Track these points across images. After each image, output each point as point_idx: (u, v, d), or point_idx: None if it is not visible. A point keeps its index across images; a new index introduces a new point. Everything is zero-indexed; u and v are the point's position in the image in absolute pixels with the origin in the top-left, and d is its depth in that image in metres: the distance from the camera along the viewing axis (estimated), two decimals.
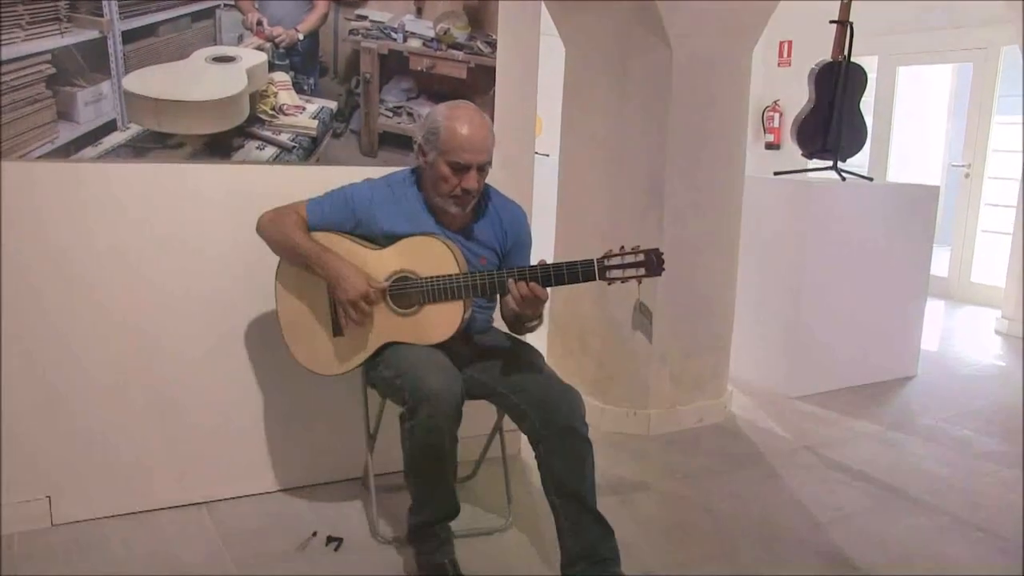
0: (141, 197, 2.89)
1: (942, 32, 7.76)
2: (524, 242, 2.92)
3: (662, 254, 2.57)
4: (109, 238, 2.87)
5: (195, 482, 3.13)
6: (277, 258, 2.79)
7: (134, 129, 2.83)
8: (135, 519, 3.01)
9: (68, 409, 2.90)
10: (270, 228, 2.74)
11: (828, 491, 3.52)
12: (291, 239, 2.70)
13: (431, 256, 2.65)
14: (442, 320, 2.65)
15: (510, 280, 2.57)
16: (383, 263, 2.69)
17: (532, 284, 2.55)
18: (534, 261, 2.65)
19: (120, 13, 2.75)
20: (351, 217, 2.74)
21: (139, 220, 2.90)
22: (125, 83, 2.79)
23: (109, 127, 2.80)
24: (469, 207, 2.73)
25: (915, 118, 8.69)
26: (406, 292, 2.66)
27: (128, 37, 2.77)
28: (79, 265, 2.84)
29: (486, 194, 2.85)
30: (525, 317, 2.69)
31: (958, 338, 6.62)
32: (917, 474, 3.73)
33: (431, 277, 2.63)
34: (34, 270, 2.78)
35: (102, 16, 2.72)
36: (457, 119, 2.62)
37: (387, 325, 2.69)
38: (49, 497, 2.92)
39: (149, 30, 2.80)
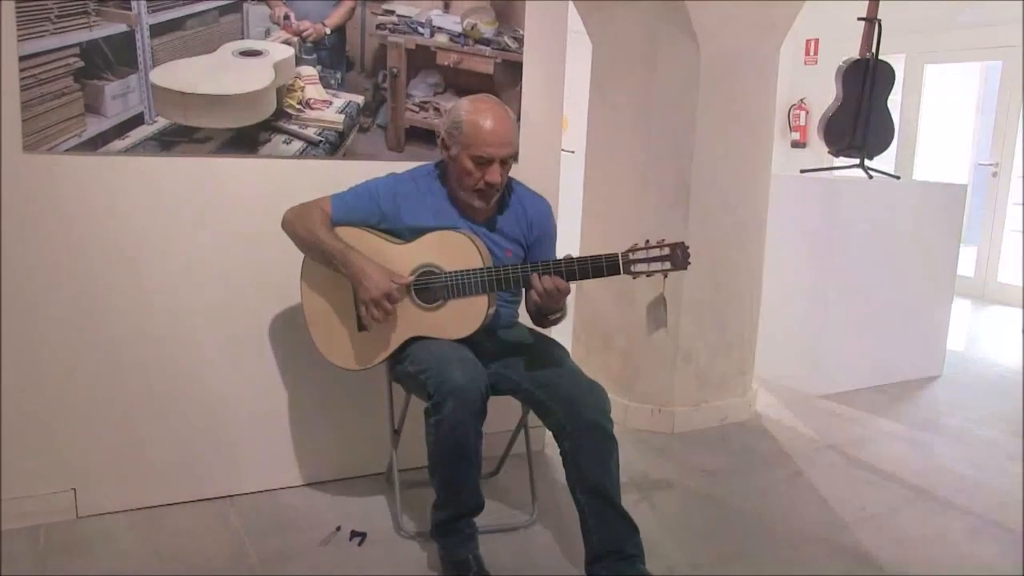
0: (168, 191, 2.89)
1: (970, 30, 7.67)
2: (549, 235, 2.90)
3: (688, 247, 2.54)
4: (135, 232, 2.87)
5: (219, 476, 3.13)
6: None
7: (161, 123, 2.83)
8: (159, 512, 3.02)
9: (94, 402, 2.90)
10: (295, 224, 2.73)
11: (853, 491, 3.47)
12: (316, 236, 2.68)
13: (456, 250, 2.64)
14: (467, 315, 2.63)
15: (533, 274, 2.56)
16: (407, 257, 2.67)
17: (554, 277, 2.54)
18: (560, 256, 2.63)
19: (148, 7, 2.75)
20: (376, 211, 2.73)
21: (166, 214, 2.90)
22: (153, 77, 2.79)
23: (136, 120, 2.80)
24: (493, 201, 2.72)
25: (942, 116, 8.61)
26: (430, 287, 2.65)
27: (156, 31, 2.77)
28: (105, 258, 2.84)
29: (511, 187, 2.83)
30: (547, 310, 2.68)
31: (985, 338, 6.55)
32: (944, 474, 3.68)
33: (456, 271, 2.62)
34: (60, 263, 2.78)
35: (130, 10, 2.73)
36: (480, 113, 2.60)
37: (412, 320, 2.67)
38: (74, 489, 2.93)
39: (177, 24, 2.80)
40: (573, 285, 2.57)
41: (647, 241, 2.55)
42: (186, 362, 3.01)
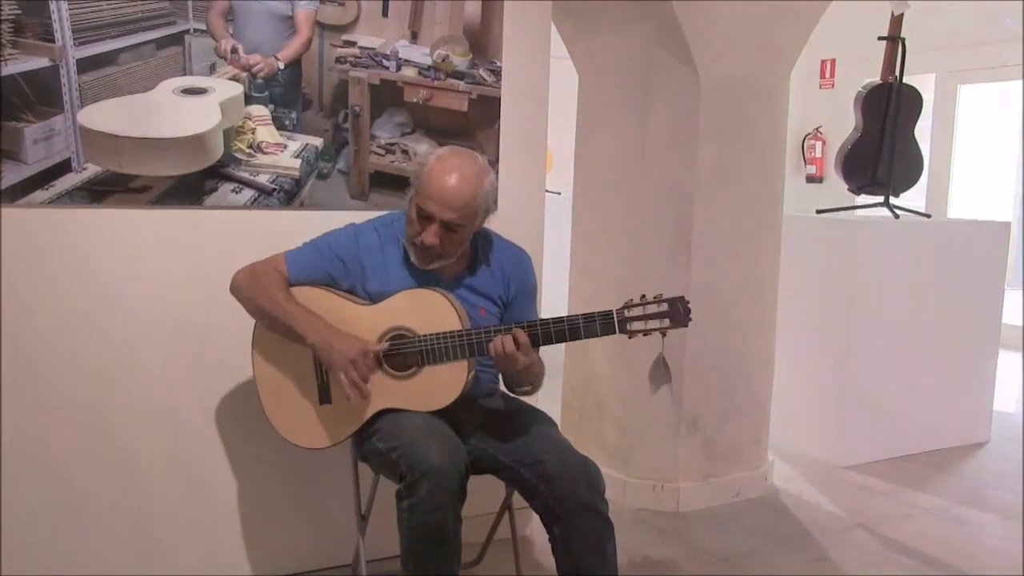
0: (100, 248, 2.92)
1: (1009, 44, 7.79)
2: (529, 290, 2.95)
3: (688, 302, 2.62)
4: (62, 294, 2.89)
5: (163, 571, 3.12)
6: None
7: (92, 170, 2.86)
8: None
9: (22, 483, 2.89)
10: (247, 288, 2.76)
11: None
12: (272, 301, 2.71)
13: (430, 311, 2.68)
14: (444, 383, 2.67)
15: (496, 336, 2.61)
16: (375, 319, 2.71)
17: (505, 339, 2.58)
18: (546, 315, 2.69)
19: (74, 39, 2.78)
20: (337, 267, 2.78)
21: (97, 274, 2.92)
22: (81, 118, 2.82)
23: (62, 168, 2.82)
24: (431, 264, 2.74)
25: (980, 143, 8.71)
26: (402, 352, 2.68)
27: (84, 66, 2.81)
28: (28, 324, 2.85)
29: (486, 239, 2.89)
30: (510, 381, 2.75)
31: None
32: (995, 557, 3.71)
33: (431, 335, 2.66)
34: None
35: (54, 42, 2.75)
36: (446, 165, 2.66)
37: (381, 390, 2.69)
38: None
39: (108, 58, 2.84)
40: (563, 346, 2.61)
41: (643, 296, 2.63)
42: (118, 443, 3.02)
